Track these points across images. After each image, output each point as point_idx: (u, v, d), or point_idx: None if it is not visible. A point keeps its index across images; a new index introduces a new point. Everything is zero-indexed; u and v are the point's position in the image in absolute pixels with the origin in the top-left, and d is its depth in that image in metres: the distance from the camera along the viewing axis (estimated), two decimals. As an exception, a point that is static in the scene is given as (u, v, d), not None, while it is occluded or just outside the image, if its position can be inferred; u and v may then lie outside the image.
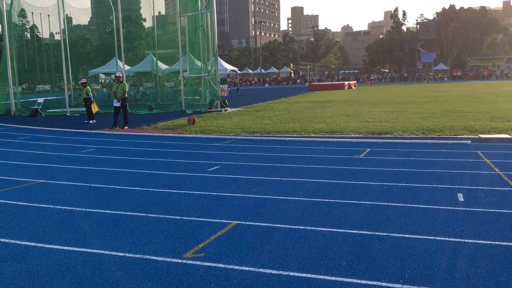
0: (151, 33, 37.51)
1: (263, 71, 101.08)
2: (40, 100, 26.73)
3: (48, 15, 36.49)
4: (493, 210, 5.65)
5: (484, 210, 5.67)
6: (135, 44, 51.41)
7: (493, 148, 10.21)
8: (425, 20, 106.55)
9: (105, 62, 43.59)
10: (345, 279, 3.87)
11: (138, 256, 4.50)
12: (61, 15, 26.13)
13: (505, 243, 4.57)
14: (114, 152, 11.40)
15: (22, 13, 35.33)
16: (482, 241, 4.64)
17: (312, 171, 8.29)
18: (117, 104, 16.54)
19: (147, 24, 45.41)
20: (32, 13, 33.97)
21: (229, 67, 51.65)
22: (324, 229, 5.14)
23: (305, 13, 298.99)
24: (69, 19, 36.77)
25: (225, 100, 24.58)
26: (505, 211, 5.61)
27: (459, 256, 4.28)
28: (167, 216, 5.77)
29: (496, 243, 4.58)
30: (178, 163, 9.56)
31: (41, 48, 43.76)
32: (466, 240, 4.67)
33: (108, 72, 44.14)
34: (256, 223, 5.40)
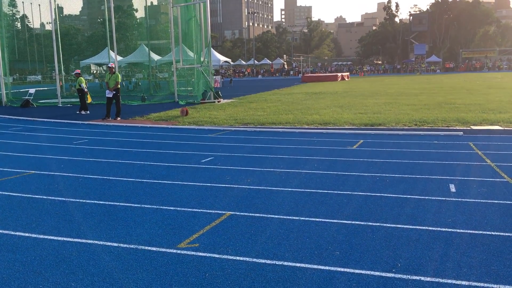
0: (143, 23, 37.28)
1: (256, 62, 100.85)
2: (32, 90, 26.49)
3: (39, 5, 36.17)
4: (484, 201, 5.71)
5: (476, 200, 5.74)
6: (127, 35, 51.09)
7: (484, 140, 10.29)
8: (419, 12, 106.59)
9: (97, 53, 43.34)
10: (339, 269, 3.90)
11: (132, 246, 4.52)
12: (52, 5, 25.84)
13: (496, 233, 4.63)
14: (107, 143, 11.36)
15: (13, 3, 35.00)
16: (473, 231, 4.69)
17: (305, 162, 8.32)
18: (109, 94, 16.46)
19: (139, 14, 45.12)
20: (23, 2, 33.59)
21: (222, 58, 51.61)
22: (317, 219, 5.18)
23: (298, 4, 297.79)
24: (60, 9, 36.43)
25: (218, 91, 24.53)
26: (496, 201, 5.68)
27: (450, 246, 4.33)
28: (161, 207, 5.78)
29: (487, 233, 4.64)
30: (172, 154, 9.55)
31: (32, 38, 43.37)
32: (458, 230, 4.73)
33: (100, 62, 43.89)
34: (250, 214, 5.43)
